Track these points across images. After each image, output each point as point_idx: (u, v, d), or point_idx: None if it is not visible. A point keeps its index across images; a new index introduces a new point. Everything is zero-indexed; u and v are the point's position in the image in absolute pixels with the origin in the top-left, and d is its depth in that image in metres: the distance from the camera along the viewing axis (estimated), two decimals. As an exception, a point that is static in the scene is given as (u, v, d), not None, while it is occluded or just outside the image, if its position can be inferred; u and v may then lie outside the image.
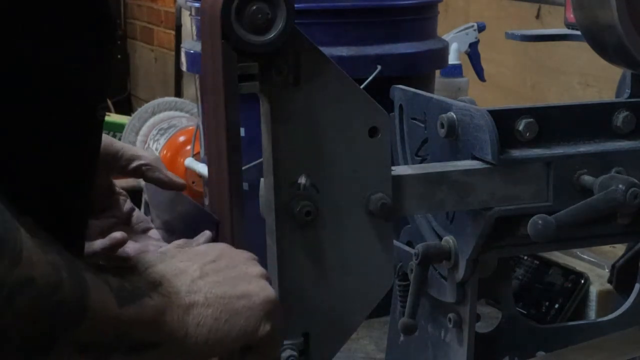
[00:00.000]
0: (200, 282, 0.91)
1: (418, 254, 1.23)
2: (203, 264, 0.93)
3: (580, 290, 1.86)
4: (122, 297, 0.83)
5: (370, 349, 1.74)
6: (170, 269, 0.92)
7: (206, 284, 0.91)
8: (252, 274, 0.95)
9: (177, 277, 0.91)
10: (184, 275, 0.91)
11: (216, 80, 1.01)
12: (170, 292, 0.88)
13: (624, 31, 1.22)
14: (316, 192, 1.07)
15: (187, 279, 0.91)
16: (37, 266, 0.75)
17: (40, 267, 0.75)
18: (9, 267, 0.72)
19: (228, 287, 0.92)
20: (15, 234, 0.74)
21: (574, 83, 2.60)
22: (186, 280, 0.91)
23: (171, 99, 3.23)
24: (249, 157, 1.20)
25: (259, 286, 0.94)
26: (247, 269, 0.95)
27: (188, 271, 0.92)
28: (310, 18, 1.81)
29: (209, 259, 0.95)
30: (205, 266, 0.93)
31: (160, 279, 0.89)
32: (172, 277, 0.91)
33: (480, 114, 1.16)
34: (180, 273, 0.91)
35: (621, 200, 1.13)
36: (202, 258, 0.94)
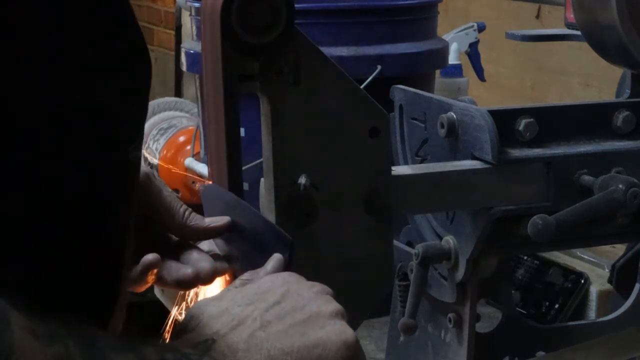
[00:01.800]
0: (261, 334, 0.77)
1: (418, 254, 1.23)
2: (265, 309, 0.79)
3: (580, 290, 1.86)
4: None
5: (370, 349, 1.74)
6: (227, 319, 0.78)
7: (269, 337, 0.77)
8: (325, 314, 0.80)
9: (234, 330, 0.77)
10: (242, 326, 0.77)
11: (216, 80, 1.01)
12: (225, 354, 0.75)
13: (624, 31, 1.22)
14: (316, 192, 1.07)
15: (245, 333, 0.77)
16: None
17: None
18: None
19: (296, 336, 0.77)
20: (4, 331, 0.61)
21: (574, 83, 2.60)
22: (245, 335, 0.77)
23: (171, 99, 3.23)
24: (249, 157, 1.20)
25: (335, 330, 0.79)
26: (319, 308, 0.80)
27: (247, 322, 0.78)
28: (310, 18, 1.81)
29: (272, 300, 0.80)
30: (268, 312, 0.79)
31: (214, 335, 0.76)
32: (229, 330, 0.77)
33: (480, 114, 1.16)
34: (238, 324, 0.77)
35: (621, 200, 1.13)
36: (264, 300, 0.80)
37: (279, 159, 1.06)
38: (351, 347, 0.78)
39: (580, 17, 1.29)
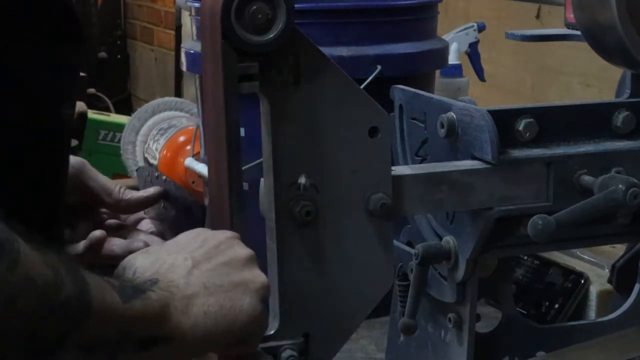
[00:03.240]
0: (195, 271, 0.90)
1: (418, 254, 1.23)
2: (191, 252, 0.92)
3: (580, 290, 1.86)
4: (125, 293, 0.82)
5: (370, 349, 1.74)
6: (160, 264, 0.91)
7: (202, 273, 0.91)
8: (242, 257, 0.95)
9: (170, 271, 0.90)
10: (176, 267, 0.90)
11: (216, 80, 1.01)
12: (169, 285, 0.87)
13: (624, 31, 1.22)
14: (316, 192, 1.07)
15: (181, 271, 0.90)
16: (36, 267, 0.74)
17: (39, 267, 0.74)
18: (7, 269, 0.71)
19: (224, 275, 0.92)
20: (12, 236, 0.73)
21: (574, 83, 2.60)
22: (181, 272, 0.90)
23: (171, 99, 3.23)
24: (249, 157, 1.20)
25: (252, 273, 0.94)
26: (237, 252, 0.95)
27: (179, 263, 0.91)
28: (310, 18, 1.81)
29: (195, 245, 0.94)
30: (195, 253, 0.92)
31: (155, 274, 0.88)
32: (165, 272, 0.90)
33: (480, 114, 1.16)
34: (172, 266, 0.90)
35: (621, 200, 1.13)
36: (188, 247, 0.93)
37: (279, 159, 1.06)
38: (266, 288, 0.95)
39: (580, 17, 1.29)
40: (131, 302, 0.82)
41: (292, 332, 1.08)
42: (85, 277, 0.79)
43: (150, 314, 0.84)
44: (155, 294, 0.85)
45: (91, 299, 0.78)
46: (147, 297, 0.84)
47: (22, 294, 0.72)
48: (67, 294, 0.76)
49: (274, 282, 1.08)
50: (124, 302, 0.81)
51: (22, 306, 0.72)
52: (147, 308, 0.83)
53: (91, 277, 0.80)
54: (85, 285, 0.78)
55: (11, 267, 0.72)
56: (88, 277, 0.79)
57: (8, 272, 0.71)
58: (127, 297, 0.82)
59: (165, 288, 0.87)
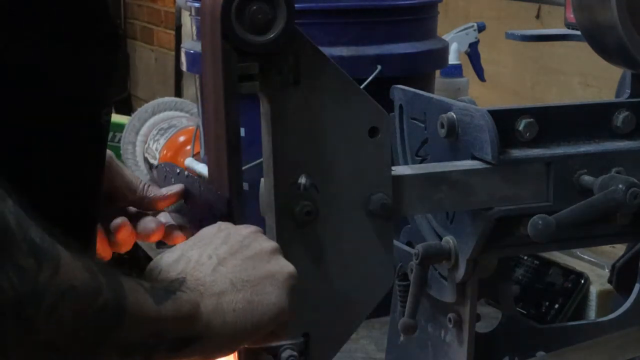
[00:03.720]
0: (221, 268, 0.90)
1: (418, 254, 1.23)
2: (215, 248, 0.92)
3: (580, 290, 1.86)
4: (157, 295, 0.82)
5: (370, 349, 1.74)
6: (186, 262, 0.90)
7: (228, 270, 0.90)
8: (267, 250, 0.94)
9: (195, 269, 0.89)
10: (202, 265, 0.90)
11: (216, 80, 1.01)
12: (197, 284, 0.87)
13: (624, 31, 1.22)
14: (316, 192, 1.07)
15: (207, 269, 0.89)
16: (76, 273, 0.74)
17: (79, 274, 0.75)
18: (50, 276, 0.72)
19: (250, 269, 0.91)
20: (53, 243, 0.73)
21: (574, 83, 2.60)
22: (207, 270, 0.89)
23: (171, 99, 3.23)
24: (249, 157, 1.20)
25: (279, 264, 0.93)
26: (261, 246, 0.94)
27: (204, 261, 0.90)
28: (310, 18, 1.81)
29: (219, 242, 0.93)
30: (219, 250, 0.92)
31: (181, 273, 0.88)
32: (191, 270, 0.89)
33: (480, 114, 1.16)
34: (198, 264, 0.90)
35: (621, 200, 1.13)
36: (211, 243, 0.93)
37: (279, 159, 1.06)
38: (294, 277, 0.93)
39: (580, 17, 1.29)
40: (164, 304, 0.82)
41: (292, 332, 1.08)
42: (121, 280, 0.79)
43: (182, 314, 0.84)
44: (185, 295, 0.85)
45: (127, 302, 0.78)
46: (177, 298, 0.84)
47: (64, 300, 0.73)
48: (105, 299, 0.76)
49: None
50: (157, 304, 0.82)
51: (64, 313, 0.73)
52: (179, 309, 0.84)
53: (126, 280, 0.80)
54: (121, 289, 0.78)
55: (53, 274, 0.72)
56: (124, 281, 0.79)
57: (50, 279, 0.72)
58: (159, 299, 0.82)
59: (194, 287, 0.87)
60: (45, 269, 0.72)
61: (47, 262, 0.72)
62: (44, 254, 0.72)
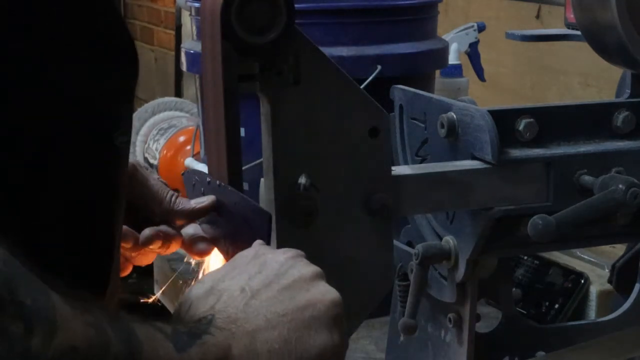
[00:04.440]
0: (254, 302, 0.81)
1: (418, 254, 1.23)
2: (248, 279, 0.83)
3: (580, 290, 1.86)
4: (180, 341, 0.75)
5: (370, 349, 1.74)
6: (217, 297, 0.82)
7: (261, 303, 0.81)
8: (307, 277, 0.84)
9: (227, 305, 0.81)
10: (234, 299, 0.81)
11: (216, 80, 1.01)
12: (228, 323, 0.79)
13: (624, 31, 1.22)
14: (316, 192, 1.07)
15: (238, 303, 0.81)
16: (77, 332, 0.67)
17: (81, 332, 0.67)
18: (44, 340, 0.64)
19: (287, 300, 0.82)
20: (48, 301, 0.66)
21: (574, 83, 2.60)
22: (239, 305, 0.80)
23: (171, 99, 3.23)
24: (249, 157, 1.19)
25: (320, 291, 0.84)
26: (300, 272, 0.85)
27: (236, 294, 0.81)
28: (310, 18, 1.81)
29: (253, 271, 0.84)
30: (252, 281, 0.83)
31: (210, 310, 0.80)
32: (222, 305, 0.80)
33: (480, 114, 1.16)
34: (228, 298, 0.81)
35: (621, 200, 1.13)
36: (245, 272, 0.84)
37: (279, 159, 1.06)
38: (338, 305, 0.83)
39: (580, 17, 1.29)
40: (187, 350, 0.75)
41: None
42: (135, 330, 0.72)
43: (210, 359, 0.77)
44: (213, 338, 0.78)
45: (142, 355, 0.71)
46: (204, 343, 0.77)
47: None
48: (115, 355, 0.69)
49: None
50: (179, 352, 0.74)
51: None
52: (205, 355, 0.76)
53: (142, 328, 0.73)
54: (134, 340, 0.71)
55: (48, 338, 0.65)
56: (138, 330, 0.72)
57: (45, 343, 0.64)
58: (182, 345, 0.75)
59: (224, 326, 0.79)
60: (38, 332, 0.64)
61: (40, 324, 0.65)
62: (35, 316, 0.64)
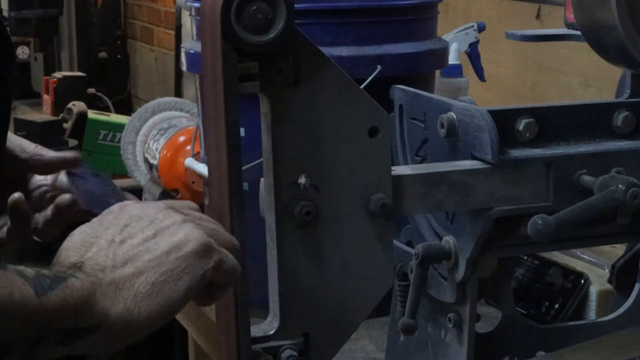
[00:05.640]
0: (121, 250, 0.86)
1: (418, 254, 1.23)
2: (117, 231, 0.88)
3: (580, 290, 1.86)
4: (41, 285, 0.78)
5: (370, 349, 1.74)
6: (85, 246, 0.87)
7: (129, 252, 0.86)
8: (171, 223, 0.89)
9: (95, 253, 0.86)
10: (103, 249, 0.86)
11: (216, 80, 1.01)
12: (95, 270, 0.84)
13: (624, 31, 1.22)
14: (316, 192, 1.07)
15: (107, 252, 0.86)
16: None
17: None
18: None
19: (152, 246, 0.87)
20: None
21: (574, 83, 2.60)
22: (107, 254, 0.86)
23: (171, 99, 3.23)
24: (249, 157, 1.20)
25: (184, 234, 0.88)
26: (164, 221, 0.89)
27: (103, 244, 0.87)
28: (310, 18, 1.81)
29: (121, 223, 0.89)
30: (122, 233, 0.88)
31: (80, 258, 0.85)
32: (90, 254, 0.86)
33: (480, 114, 1.16)
34: (98, 248, 0.86)
35: (621, 200, 1.13)
36: (113, 225, 0.89)
37: (279, 159, 1.06)
38: (203, 243, 0.88)
39: (580, 17, 1.29)
40: (47, 294, 0.78)
41: (292, 332, 1.08)
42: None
43: (71, 304, 0.80)
44: (79, 281, 0.81)
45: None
46: (67, 286, 0.80)
47: None
48: None
49: (274, 282, 1.08)
50: (38, 296, 0.78)
51: None
52: (67, 299, 0.80)
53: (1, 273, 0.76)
54: None
55: None
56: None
57: None
58: (43, 289, 0.78)
59: (91, 272, 0.83)
60: None
61: None
62: None
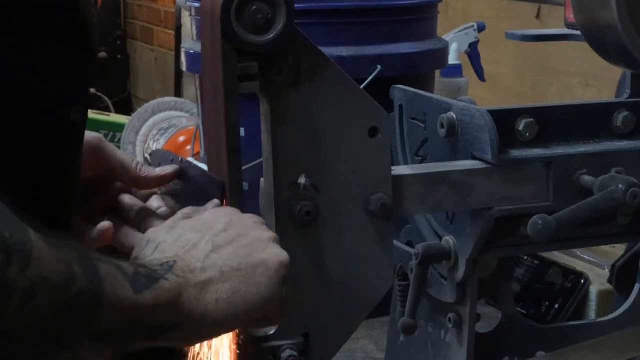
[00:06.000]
0: (214, 255, 0.91)
1: (418, 254, 1.23)
2: (214, 234, 0.93)
3: (580, 290, 1.86)
4: (138, 283, 0.83)
5: (370, 349, 1.74)
6: (182, 244, 0.91)
7: (220, 257, 0.91)
8: (264, 239, 0.94)
9: (189, 253, 0.90)
10: (197, 250, 0.91)
11: (216, 80, 1.01)
12: (185, 271, 0.88)
13: (624, 31, 1.22)
14: (316, 192, 1.07)
15: (200, 254, 0.90)
16: (49, 265, 0.75)
17: (52, 265, 0.75)
18: (19, 270, 0.73)
19: (243, 257, 0.91)
20: (24, 236, 0.74)
21: (574, 83, 2.60)
22: (200, 256, 0.90)
23: (171, 99, 3.23)
24: (249, 157, 1.20)
25: (273, 252, 0.93)
26: (259, 235, 0.94)
27: (200, 245, 0.91)
28: (310, 18, 1.81)
29: (219, 228, 0.94)
30: (217, 237, 0.92)
31: (174, 257, 0.89)
32: (184, 253, 0.90)
33: (480, 114, 1.16)
34: (193, 248, 0.91)
35: (621, 200, 1.13)
36: (212, 228, 0.94)
37: (279, 159, 1.06)
38: (287, 266, 0.93)
39: (580, 17, 1.29)
40: (143, 292, 0.83)
41: (292, 332, 1.08)
42: (98, 268, 0.80)
43: (161, 303, 0.85)
44: (169, 283, 0.86)
45: (103, 291, 0.79)
46: (159, 287, 0.85)
47: (35, 292, 0.74)
48: (79, 288, 0.77)
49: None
50: (135, 293, 0.83)
51: (36, 305, 0.74)
52: (158, 298, 0.84)
53: (104, 267, 0.81)
54: (97, 277, 0.79)
55: (24, 268, 0.73)
56: (101, 269, 0.80)
57: (20, 272, 0.73)
58: (139, 287, 0.83)
59: (181, 273, 0.88)
60: (15, 263, 0.72)
61: (17, 256, 0.73)
62: (13, 248, 0.72)
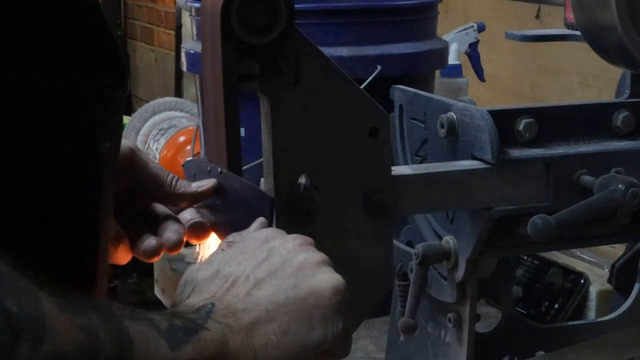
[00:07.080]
0: (256, 292, 0.80)
1: (418, 254, 1.23)
2: (255, 266, 0.82)
3: (580, 290, 1.86)
4: (175, 338, 0.74)
5: (370, 349, 1.74)
6: (220, 281, 0.81)
7: (264, 294, 0.80)
8: (313, 263, 0.83)
9: (229, 292, 0.80)
10: (237, 287, 0.80)
11: (216, 80, 1.01)
12: (226, 315, 0.78)
13: (624, 31, 1.22)
14: (316, 192, 1.07)
15: (241, 292, 0.80)
16: (66, 337, 0.66)
17: (71, 337, 0.66)
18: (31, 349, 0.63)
19: (289, 289, 0.80)
20: (36, 308, 0.65)
21: (574, 83, 2.60)
22: (241, 294, 0.80)
23: (171, 99, 3.23)
24: (249, 157, 1.19)
25: (325, 278, 0.82)
26: (306, 259, 0.83)
27: (240, 281, 0.81)
28: (310, 18, 1.81)
29: (260, 257, 0.83)
30: (258, 269, 0.82)
31: (211, 298, 0.79)
32: (224, 293, 0.80)
33: (480, 114, 1.16)
34: (232, 285, 0.81)
35: (621, 200, 1.13)
36: (252, 258, 0.84)
37: (279, 159, 1.06)
38: (342, 292, 0.82)
39: (580, 17, 1.29)
40: (181, 348, 0.74)
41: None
42: (127, 329, 0.71)
43: (205, 356, 0.75)
44: (209, 333, 0.76)
45: (134, 356, 0.70)
46: (199, 339, 0.75)
47: None
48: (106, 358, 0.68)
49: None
50: (173, 351, 0.73)
51: None
52: (201, 351, 0.75)
53: (134, 327, 0.71)
54: (126, 341, 0.70)
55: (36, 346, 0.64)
56: (131, 329, 0.71)
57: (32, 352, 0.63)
58: (176, 342, 0.74)
59: (222, 318, 0.78)
60: (25, 341, 0.63)
61: (27, 333, 0.63)
62: (22, 324, 0.63)
